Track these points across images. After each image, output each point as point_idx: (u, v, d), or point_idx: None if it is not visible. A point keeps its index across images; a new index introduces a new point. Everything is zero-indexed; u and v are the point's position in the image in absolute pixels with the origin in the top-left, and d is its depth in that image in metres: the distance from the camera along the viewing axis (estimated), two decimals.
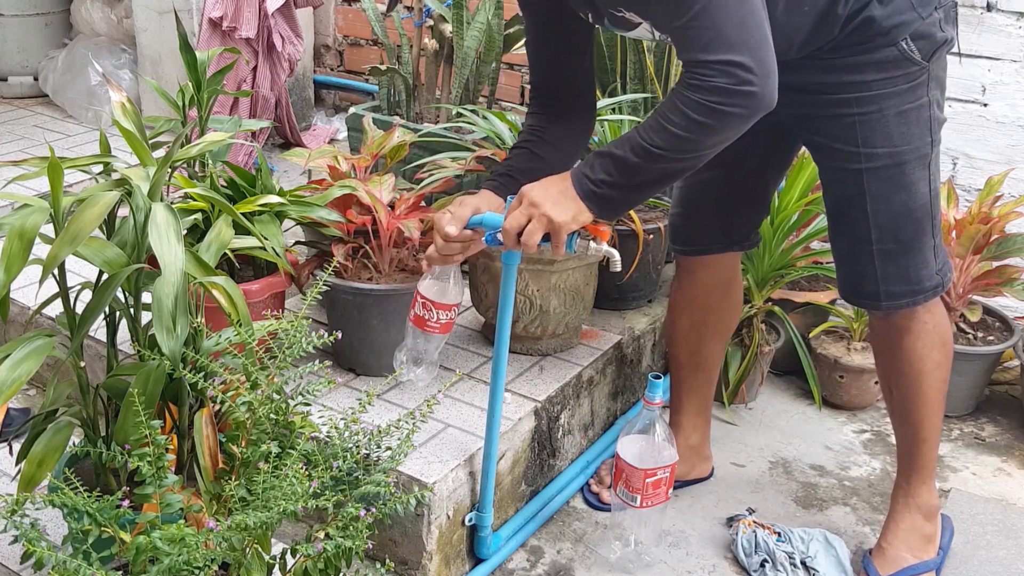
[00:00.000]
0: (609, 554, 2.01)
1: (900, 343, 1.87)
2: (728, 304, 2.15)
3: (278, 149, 3.51)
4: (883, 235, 1.78)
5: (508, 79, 3.50)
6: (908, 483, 1.96)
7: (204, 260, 1.59)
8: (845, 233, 1.84)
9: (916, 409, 1.91)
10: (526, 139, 1.85)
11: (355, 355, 2.11)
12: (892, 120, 1.71)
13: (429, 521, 1.81)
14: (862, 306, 1.95)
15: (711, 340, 2.15)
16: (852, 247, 1.83)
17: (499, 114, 2.34)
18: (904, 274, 1.80)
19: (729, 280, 2.12)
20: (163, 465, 1.37)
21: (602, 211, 1.63)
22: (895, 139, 1.72)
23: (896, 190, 1.75)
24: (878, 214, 1.76)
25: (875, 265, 1.80)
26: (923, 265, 1.81)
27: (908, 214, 1.77)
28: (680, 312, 2.15)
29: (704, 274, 2.09)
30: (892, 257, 1.79)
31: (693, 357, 2.17)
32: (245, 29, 3.05)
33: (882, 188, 1.75)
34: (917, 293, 1.82)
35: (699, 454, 2.23)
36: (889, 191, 1.75)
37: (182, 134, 1.66)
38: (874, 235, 1.78)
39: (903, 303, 1.82)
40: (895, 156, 1.73)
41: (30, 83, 3.92)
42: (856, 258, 1.83)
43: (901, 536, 1.95)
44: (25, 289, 2.24)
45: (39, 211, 1.42)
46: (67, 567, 1.27)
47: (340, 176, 2.16)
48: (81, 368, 1.58)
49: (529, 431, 2.05)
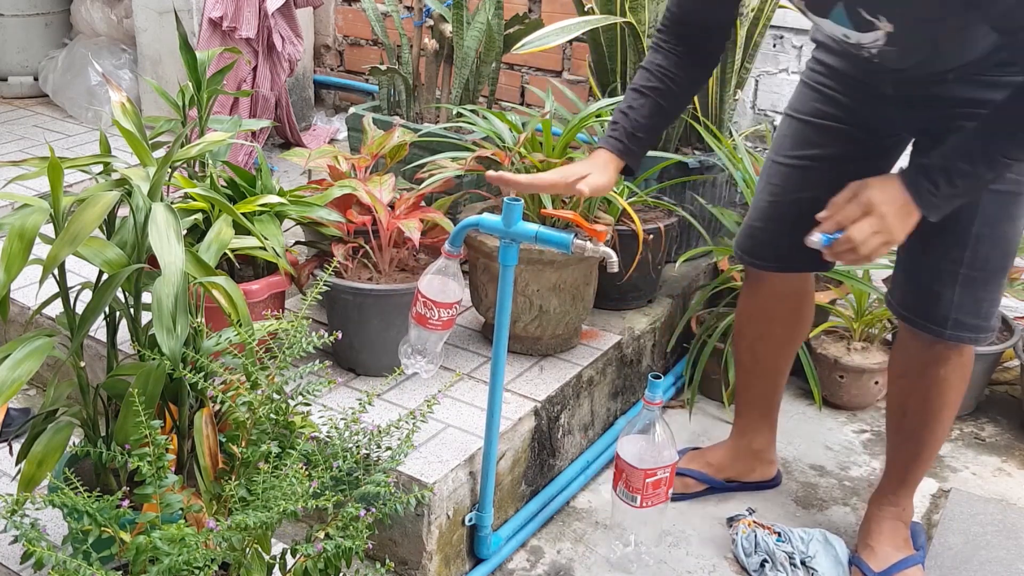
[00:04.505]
0: (609, 554, 2.01)
1: (935, 371, 1.81)
2: (799, 317, 2.09)
3: (278, 149, 3.51)
4: (975, 260, 1.71)
5: (508, 79, 3.50)
6: (896, 494, 1.97)
7: (204, 260, 1.59)
8: (936, 250, 1.74)
9: (928, 433, 1.88)
10: (652, 84, 1.77)
11: (355, 355, 2.11)
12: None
13: (429, 521, 1.81)
14: (924, 329, 1.79)
15: (778, 349, 2.11)
16: (939, 265, 1.74)
17: (499, 114, 2.34)
18: (977, 307, 1.74)
19: (800, 291, 2.05)
20: (163, 465, 1.37)
21: (939, 212, 1.60)
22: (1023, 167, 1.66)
23: (1005, 218, 1.70)
24: (981, 238, 1.70)
25: (955, 289, 1.73)
26: (993, 303, 1.75)
27: (1005, 246, 1.72)
28: (747, 320, 2.10)
29: (778, 286, 2.03)
30: (973, 286, 1.73)
31: (758, 364, 2.14)
32: (245, 29, 3.05)
33: (996, 212, 1.69)
34: (982, 331, 1.75)
35: (761, 458, 2.21)
36: (1000, 217, 1.69)
37: (182, 134, 1.66)
38: (967, 258, 1.71)
39: (966, 336, 1.75)
40: (1019, 184, 1.68)
41: (30, 83, 3.92)
42: (937, 277, 1.75)
43: (886, 535, 1.96)
44: (25, 289, 2.25)
45: (39, 211, 1.42)
46: (67, 567, 1.27)
47: (340, 176, 2.16)
48: (81, 368, 1.58)
49: (529, 431, 2.05)
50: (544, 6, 3.37)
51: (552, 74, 3.42)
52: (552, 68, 3.44)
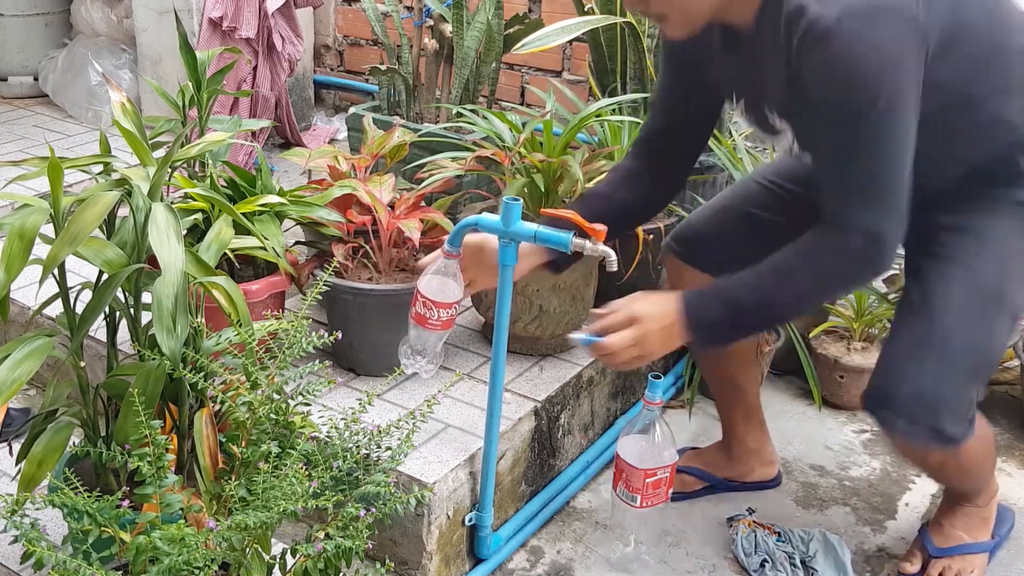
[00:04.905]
0: (609, 554, 2.01)
1: (941, 467, 1.72)
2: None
3: (278, 149, 3.51)
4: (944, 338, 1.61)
5: (508, 79, 3.50)
6: (969, 500, 1.95)
7: (204, 260, 1.59)
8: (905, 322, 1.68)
9: (969, 483, 1.87)
10: (610, 180, 1.83)
11: (355, 355, 2.11)
12: (1016, 250, 1.63)
13: (429, 521, 1.81)
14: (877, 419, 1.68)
15: (726, 362, 2.10)
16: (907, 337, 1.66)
17: (499, 114, 2.34)
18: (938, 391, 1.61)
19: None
20: (163, 465, 1.37)
21: (703, 343, 1.62)
22: (1007, 270, 1.62)
23: (977, 315, 1.62)
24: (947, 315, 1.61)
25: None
26: (956, 404, 1.62)
27: (978, 340, 1.62)
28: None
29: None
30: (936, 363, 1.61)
31: (715, 380, 2.15)
32: (245, 29, 3.05)
33: (968, 304, 1.62)
34: (934, 431, 1.61)
35: (759, 458, 2.20)
36: (971, 310, 1.61)
37: (182, 134, 1.65)
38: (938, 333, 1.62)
39: (919, 432, 1.61)
40: (1000, 284, 1.62)
41: (30, 83, 3.92)
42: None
43: (960, 516, 1.95)
44: (25, 289, 2.25)
45: (39, 211, 1.42)
46: (67, 567, 1.27)
47: (340, 176, 2.16)
48: (81, 368, 1.58)
49: (529, 431, 2.05)
50: (544, 6, 3.37)
51: (552, 74, 3.42)
52: (552, 68, 3.44)
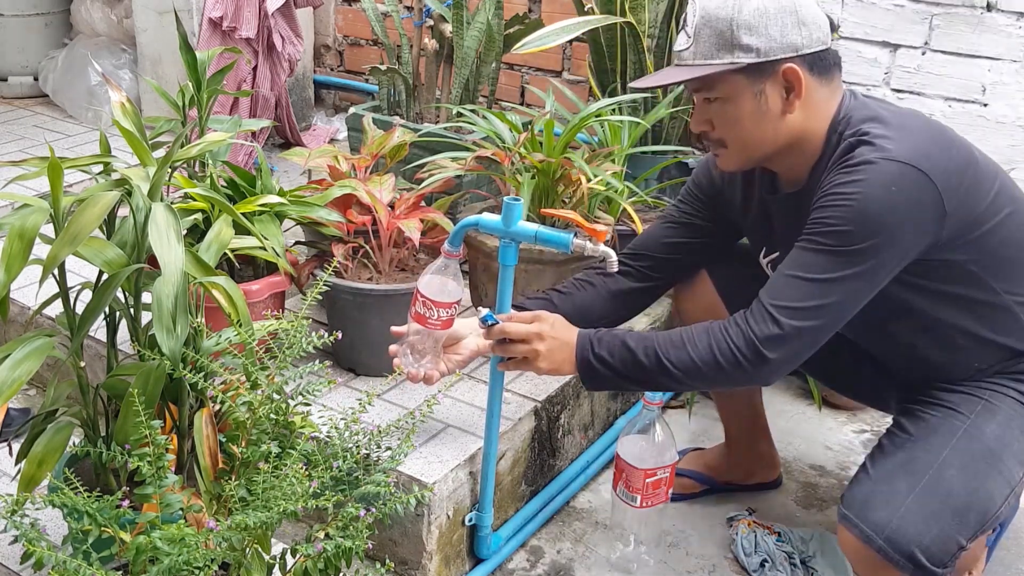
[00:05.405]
0: (609, 554, 2.01)
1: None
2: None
3: (278, 149, 3.51)
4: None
5: (508, 79, 3.50)
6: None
7: (204, 260, 1.59)
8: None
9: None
10: (583, 279, 1.88)
11: (355, 355, 2.11)
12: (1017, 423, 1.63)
13: (429, 521, 1.81)
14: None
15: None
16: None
17: (499, 114, 2.34)
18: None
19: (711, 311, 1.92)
20: (163, 465, 1.37)
21: (586, 382, 1.67)
22: (1008, 436, 1.61)
23: (973, 462, 1.58)
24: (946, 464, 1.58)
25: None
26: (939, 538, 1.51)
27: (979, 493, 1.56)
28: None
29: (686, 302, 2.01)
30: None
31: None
32: (245, 29, 3.05)
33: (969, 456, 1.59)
34: (910, 558, 1.50)
35: (763, 461, 2.21)
36: (969, 454, 1.59)
37: (182, 134, 1.65)
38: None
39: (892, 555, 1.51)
40: (997, 448, 1.60)
41: (30, 83, 3.92)
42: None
43: None
44: (25, 289, 2.25)
45: (39, 211, 1.42)
46: (67, 567, 1.27)
47: (340, 176, 2.16)
48: (81, 368, 1.58)
49: (529, 431, 2.05)
50: (544, 6, 3.37)
51: (552, 74, 3.42)
52: (552, 68, 3.44)
